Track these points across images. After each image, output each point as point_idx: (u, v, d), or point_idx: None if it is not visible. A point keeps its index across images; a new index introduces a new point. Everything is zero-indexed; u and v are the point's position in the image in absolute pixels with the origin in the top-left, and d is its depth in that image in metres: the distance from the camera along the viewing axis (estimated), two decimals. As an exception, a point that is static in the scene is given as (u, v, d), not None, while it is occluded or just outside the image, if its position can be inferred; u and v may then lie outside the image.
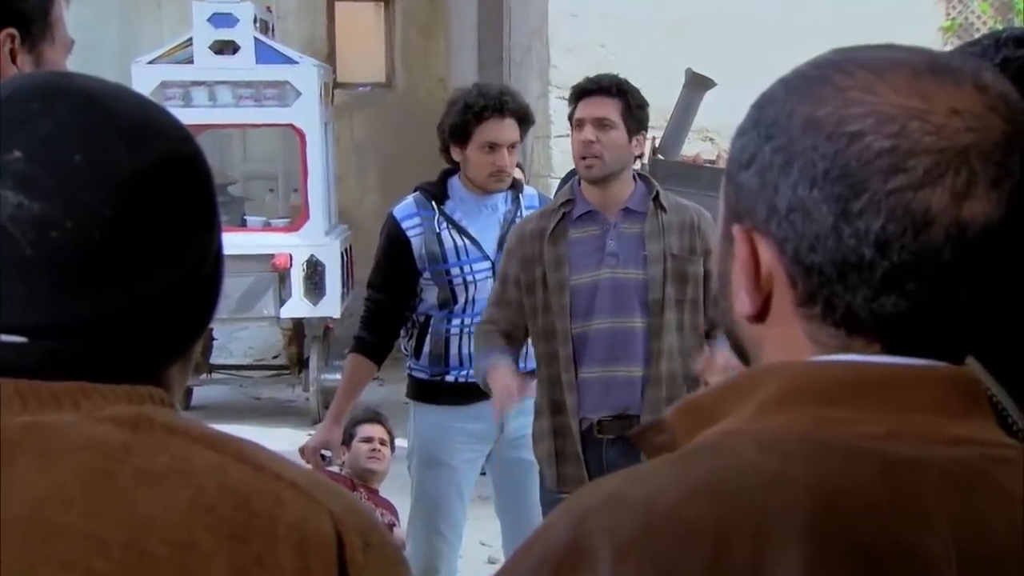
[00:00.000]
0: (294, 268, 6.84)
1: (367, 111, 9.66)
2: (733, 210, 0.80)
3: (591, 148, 2.93)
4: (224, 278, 0.87)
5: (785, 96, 0.78)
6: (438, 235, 3.31)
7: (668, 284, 2.95)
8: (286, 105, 6.89)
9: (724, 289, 0.82)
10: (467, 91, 3.31)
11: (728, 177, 0.81)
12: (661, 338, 2.94)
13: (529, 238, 3.01)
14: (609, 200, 2.99)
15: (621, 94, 2.97)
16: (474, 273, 3.33)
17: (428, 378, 3.39)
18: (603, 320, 2.94)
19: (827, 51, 0.80)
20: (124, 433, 0.79)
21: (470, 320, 3.34)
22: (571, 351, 2.94)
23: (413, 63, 9.81)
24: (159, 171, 0.81)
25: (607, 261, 2.96)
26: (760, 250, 0.78)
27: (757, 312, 0.79)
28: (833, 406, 0.73)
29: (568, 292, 2.95)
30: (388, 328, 3.39)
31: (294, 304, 6.90)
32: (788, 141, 0.76)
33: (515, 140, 3.29)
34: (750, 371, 0.79)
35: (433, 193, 3.36)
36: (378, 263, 3.39)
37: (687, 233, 3.00)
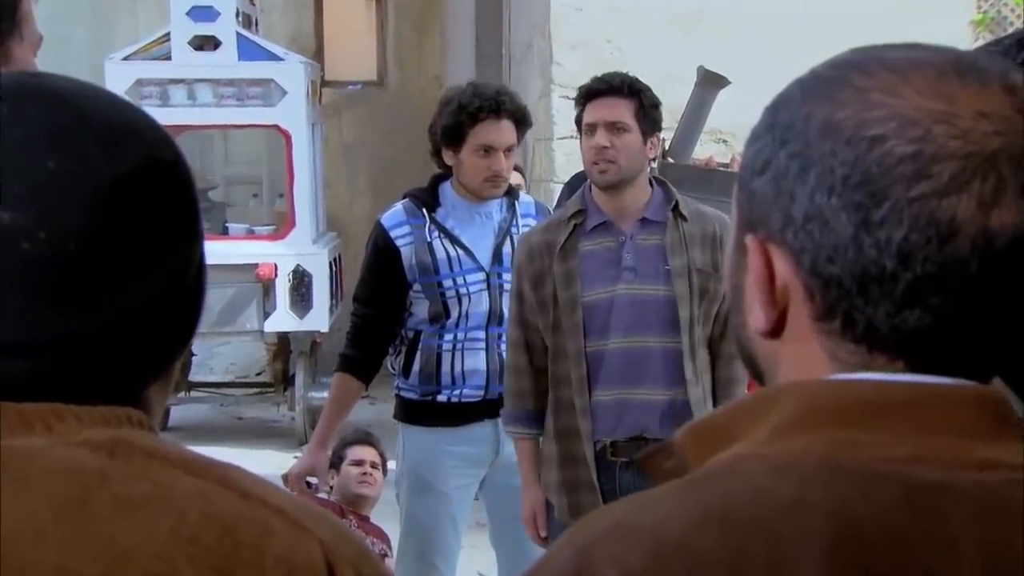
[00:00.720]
0: (279, 279, 6.84)
1: (357, 111, 9.68)
2: (746, 219, 0.80)
3: (605, 154, 2.93)
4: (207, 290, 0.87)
5: (801, 98, 0.78)
6: (429, 244, 3.31)
7: (695, 301, 2.94)
8: (271, 105, 6.90)
9: (737, 303, 0.83)
10: (461, 90, 3.31)
11: (741, 184, 0.81)
12: (695, 358, 2.94)
13: (537, 253, 3.00)
14: (625, 209, 2.99)
15: (634, 94, 2.97)
16: (468, 285, 3.33)
17: (418, 398, 3.39)
18: (619, 339, 2.93)
19: (846, 51, 0.80)
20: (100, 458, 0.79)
21: (463, 335, 3.34)
22: (585, 372, 2.93)
23: (406, 60, 9.83)
24: (137, 177, 0.81)
25: (624, 276, 2.95)
26: (775, 261, 0.78)
27: (772, 327, 0.79)
28: (853, 428, 0.74)
29: (580, 309, 2.94)
30: (376, 344, 3.38)
31: (279, 317, 6.90)
32: (805, 146, 0.76)
33: (512, 143, 3.30)
34: (764, 391, 0.79)
35: (423, 200, 3.36)
36: (364, 275, 3.39)
37: (709, 246, 2.99)
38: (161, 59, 6.86)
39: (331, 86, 9.31)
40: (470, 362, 3.33)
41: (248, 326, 6.94)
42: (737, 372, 2.96)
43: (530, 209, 3.49)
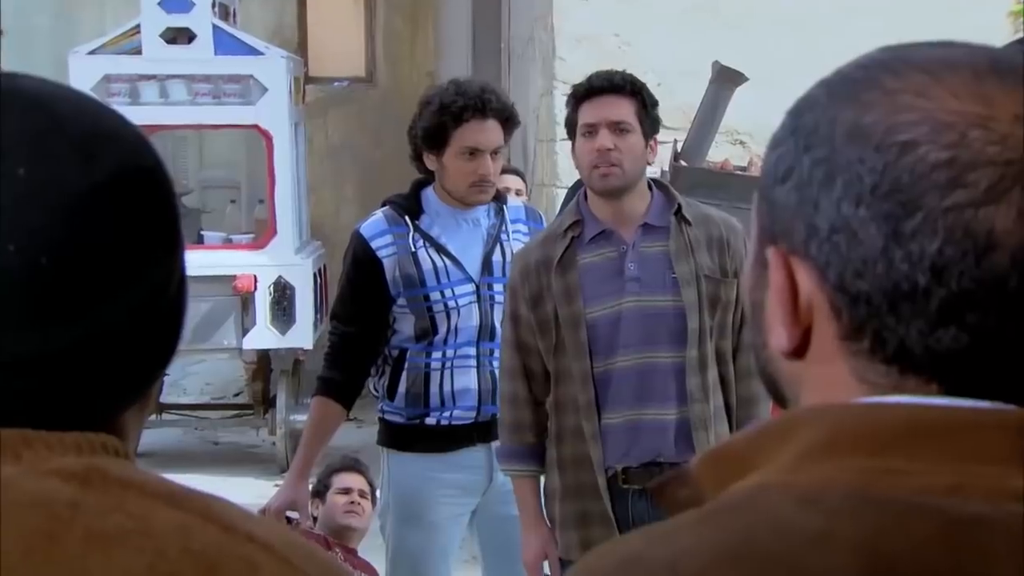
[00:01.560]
0: (259, 291, 6.85)
1: (344, 110, 9.70)
2: (767, 231, 0.81)
3: (608, 157, 2.93)
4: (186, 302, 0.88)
5: (826, 101, 0.79)
6: (414, 255, 3.31)
7: (704, 310, 2.95)
8: (250, 103, 6.91)
9: (757, 321, 0.83)
10: (442, 89, 3.32)
11: (761, 193, 0.82)
12: (706, 372, 2.94)
13: (534, 271, 3.00)
14: (625, 215, 2.99)
15: (636, 93, 2.98)
16: (456, 298, 3.33)
17: (404, 422, 3.38)
18: (628, 356, 2.93)
19: (874, 49, 0.80)
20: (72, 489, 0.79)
21: (452, 352, 3.34)
22: (593, 395, 2.93)
23: (397, 55, 9.85)
24: (115, 185, 0.82)
25: (629, 287, 2.95)
26: (798, 276, 0.78)
27: (795, 347, 0.79)
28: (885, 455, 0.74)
29: (584, 327, 2.94)
30: (357, 365, 3.38)
31: (259, 333, 6.90)
32: (830, 152, 0.77)
33: (499, 144, 3.30)
34: (787, 415, 0.79)
35: (406, 207, 3.36)
36: (343, 290, 3.39)
37: (716, 250, 2.99)
38: (131, 53, 6.87)
39: (315, 83, 9.33)
40: (460, 381, 3.33)
41: (225, 343, 6.94)
42: (757, 390, 2.96)
43: (519, 214, 3.49)
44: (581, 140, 2.97)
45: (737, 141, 5.93)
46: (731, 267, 2.99)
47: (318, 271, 7.28)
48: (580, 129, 2.97)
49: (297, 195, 7.24)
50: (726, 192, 4.48)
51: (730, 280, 2.98)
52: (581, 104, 2.99)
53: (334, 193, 9.59)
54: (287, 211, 7.02)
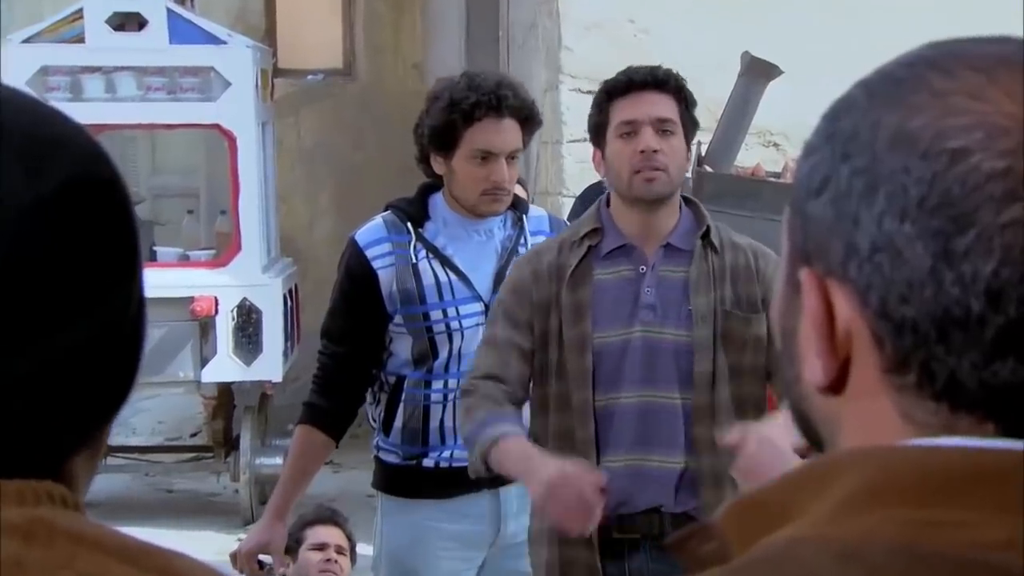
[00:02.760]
0: (220, 316, 6.85)
1: (319, 107, 9.71)
2: (800, 249, 0.82)
3: (655, 159, 2.94)
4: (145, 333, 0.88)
5: (867, 103, 0.80)
6: (414, 267, 3.33)
7: (719, 351, 2.95)
8: (210, 99, 6.93)
9: (789, 352, 0.84)
10: (453, 83, 3.33)
11: (794, 206, 0.83)
12: (712, 421, 2.94)
13: (546, 275, 3.01)
14: (652, 231, 3.00)
15: (679, 90, 3.00)
16: (461, 319, 3.34)
17: (400, 462, 3.39)
18: (632, 392, 2.94)
19: (922, 44, 0.82)
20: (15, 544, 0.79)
21: (455, 382, 3.33)
22: (592, 431, 2.93)
23: (380, 44, 9.87)
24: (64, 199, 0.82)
25: (641, 315, 2.96)
26: (836, 301, 0.79)
27: (832, 381, 0.80)
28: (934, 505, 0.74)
29: (590, 352, 2.95)
30: (350, 390, 3.39)
31: (220, 364, 6.90)
32: (872, 161, 0.78)
33: (516, 147, 3.32)
34: (824, 459, 0.80)
35: (409, 212, 3.38)
36: (336, 304, 3.40)
37: (743, 280, 2.99)
38: (72, 42, 6.89)
39: (286, 76, 9.34)
40: (463, 417, 3.34)
41: (181, 375, 6.94)
42: None
43: (542, 225, 3.50)
44: (619, 142, 2.96)
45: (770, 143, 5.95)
46: (762, 296, 2.97)
47: (289, 292, 7.28)
48: (616, 129, 2.97)
49: (265, 205, 7.25)
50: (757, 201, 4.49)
51: (759, 315, 2.97)
52: (615, 101, 2.99)
53: (307, 203, 9.60)
54: (253, 223, 7.02)
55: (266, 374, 7.00)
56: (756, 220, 4.26)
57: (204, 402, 7.44)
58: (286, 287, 7.22)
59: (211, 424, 7.59)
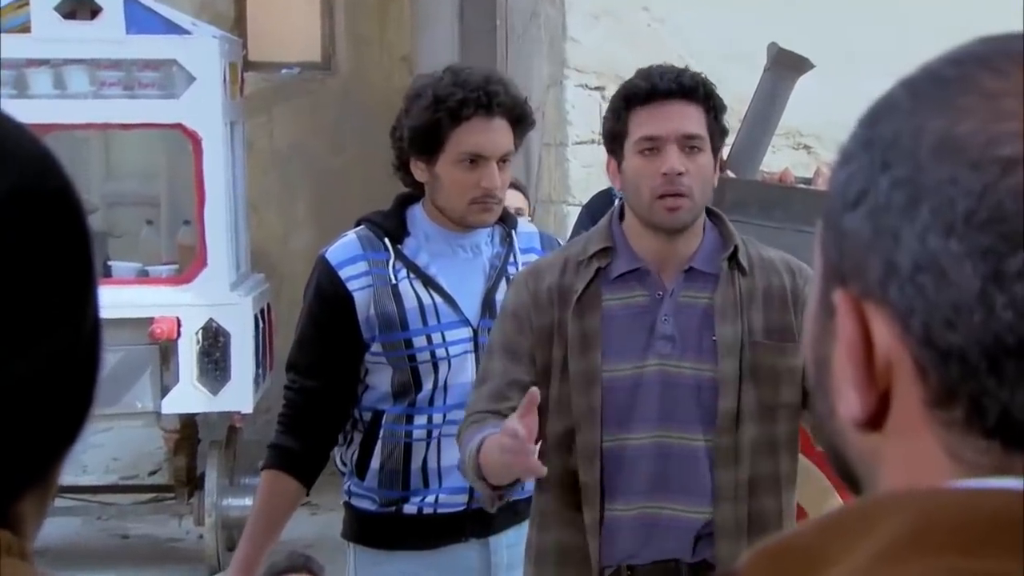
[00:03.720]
0: (183, 339, 6.85)
1: (294, 105, 9.72)
2: (834, 268, 0.82)
3: (679, 183, 2.92)
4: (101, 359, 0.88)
5: (910, 105, 0.80)
6: (394, 288, 3.33)
7: (747, 386, 2.95)
8: (171, 95, 6.94)
9: (822, 383, 0.84)
10: (435, 78, 3.34)
11: (828, 220, 0.83)
12: (738, 465, 2.94)
13: (547, 298, 2.99)
14: (671, 254, 2.99)
15: (708, 99, 2.98)
16: (447, 345, 3.34)
17: (377, 509, 3.39)
18: (646, 433, 2.93)
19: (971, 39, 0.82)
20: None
21: (441, 417, 3.34)
22: (598, 475, 2.93)
23: (363, 34, 9.88)
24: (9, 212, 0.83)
25: (657, 347, 2.95)
26: (874, 326, 0.79)
27: (870, 416, 0.80)
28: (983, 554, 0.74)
29: (599, 388, 2.95)
30: (321, 430, 3.39)
31: (183, 393, 6.90)
32: (915, 170, 0.78)
33: (508, 150, 3.32)
34: (862, 502, 0.80)
35: (386, 227, 3.38)
36: (304, 332, 3.40)
37: (776, 306, 2.99)
38: (17, 31, 6.89)
39: (257, 69, 9.36)
40: (450, 456, 3.32)
41: (139, 405, 6.93)
42: None
43: (533, 242, 3.51)
44: (639, 159, 2.94)
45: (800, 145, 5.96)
46: (798, 326, 2.95)
47: (260, 312, 7.28)
48: (636, 144, 2.94)
49: (233, 215, 7.25)
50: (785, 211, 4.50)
51: (793, 345, 2.96)
52: (635, 110, 2.96)
53: (282, 212, 9.61)
54: (220, 235, 7.03)
55: (235, 404, 6.99)
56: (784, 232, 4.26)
57: (164, 436, 7.43)
58: (257, 307, 7.22)
59: (172, 461, 7.58)
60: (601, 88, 5.68)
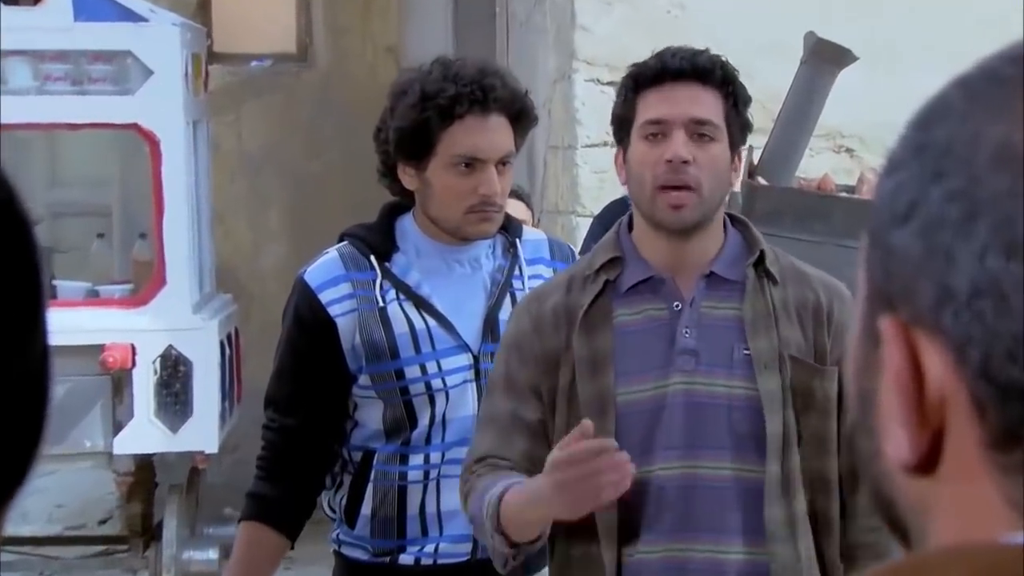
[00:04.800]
0: (139, 369, 6.84)
1: (266, 102, 9.73)
2: (881, 291, 0.82)
3: (683, 173, 2.93)
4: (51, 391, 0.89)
5: (966, 108, 0.80)
6: (382, 312, 3.33)
7: (788, 405, 2.95)
8: (126, 92, 6.94)
9: (867, 421, 0.84)
10: (423, 73, 3.34)
11: (874, 236, 0.83)
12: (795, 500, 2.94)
13: (551, 321, 3.00)
14: (686, 259, 3.00)
15: (727, 83, 2.99)
16: (444, 375, 3.35)
17: (370, 559, 3.40)
18: (670, 463, 2.93)
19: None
20: None
21: (439, 456, 3.35)
22: (616, 513, 2.94)
23: (344, 22, 9.89)
24: None
25: (679, 363, 2.96)
26: (925, 357, 0.80)
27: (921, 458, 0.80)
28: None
29: (613, 414, 2.96)
30: (306, 475, 3.40)
31: (138, 431, 6.89)
32: (970, 181, 0.78)
33: (508, 150, 3.33)
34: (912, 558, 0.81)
35: (372, 243, 3.39)
36: (282, 364, 3.41)
37: (811, 323, 2.99)
38: (-49, 20, 6.91)
39: (224, 62, 9.37)
40: (450, 499, 3.32)
41: (87, 444, 6.92)
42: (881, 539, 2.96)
43: (540, 251, 3.51)
44: (642, 145, 2.96)
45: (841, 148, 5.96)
46: (831, 349, 2.97)
47: (227, 338, 7.28)
48: (641, 128, 2.97)
49: (196, 227, 7.25)
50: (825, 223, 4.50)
51: (829, 369, 2.97)
52: (643, 92, 2.98)
53: (252, 223, 9.61)
54: (181, 250, 7.03)
55: (197, 443, 6.98)
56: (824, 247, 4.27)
57: (117, 480, 7.41)
58: (224, 332, 7.21)
59: (125, 508, 7.57)
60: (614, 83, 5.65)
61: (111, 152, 8.43)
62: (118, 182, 8.54)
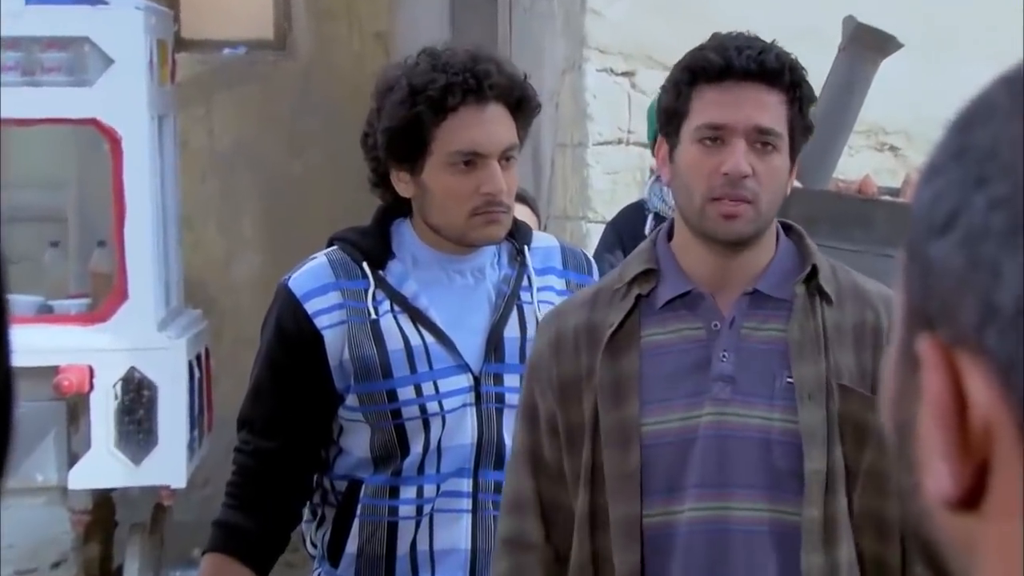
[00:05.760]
0: (98, 393, 6.85)
1: (240, 94, 9.74)
2: (919, 310, 0.83)
3: (741, 188, 2.90)
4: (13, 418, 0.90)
5: (1011, 107, 0.81)
6: (374, 325, 3.34)
7: (835, 443, 2.96)
8: (84, 83, 6.95)
9: (905, 452, 0.85)
10: (409, 65, 3.33)
11: (912, 248, 0.84)
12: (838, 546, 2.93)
13: (572, 343, 3.00)
14: (730, 274, 2.99)
15: (796, 87, 2.96)
16: (441, 398, 3.35)
17: (357, 603, 3.41)
18: (700, 504, 2.93)
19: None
20: None
21: (434, 489, 3.36)
22: (638, 559, 2.94)
23: (328, 6, 9.90)
24: None
25: (714, 391, 2.95)
26: (968, 382, 0.80)
27: (964, 493, 0.81)
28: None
29: (638, 447, 2.95)
30: (280, 505, 3.41)
31: (96, 463, 6.89)
32: (1017, 188, 0.79)
33: (511, 144, 3.34)
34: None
35: (365, 248, 3.39)
36: (260, 379, 3.42)
37: (869, 346, 2.99)
38: None
39: (193, 49, 9.38)
40: (445, 537, 3.36)
41: (40, 478, 6.93)
42: None
43: (551, 259, 3.52)
44: (697, 150, 2.94)
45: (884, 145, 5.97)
46: None
47: (196, 359, 7.28)
48: (697, 131, 2.94)
49: (162, 234, 7.26)
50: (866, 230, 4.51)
51: None
52: (701, 87, 2.95)
53: (224, 230, 9.61)
54: (145, 260, 7.03)
55: (163, 477, 7.00)
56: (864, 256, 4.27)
57: (73, 518, 7.40)
58: (192, 352, 7.22)
59: (82, 550, 7.58)
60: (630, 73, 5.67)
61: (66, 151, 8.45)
62: (74, 184, 8.55)
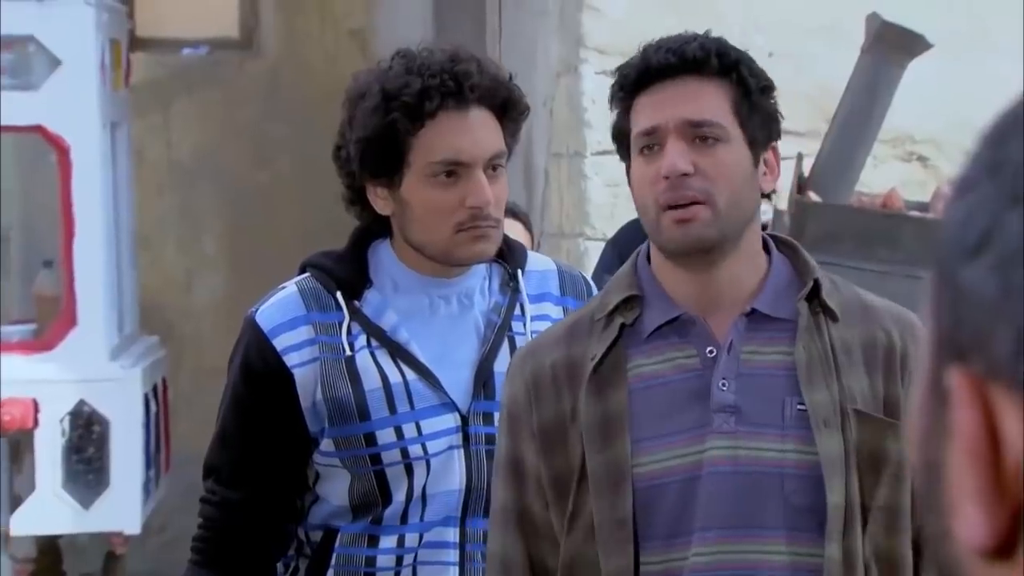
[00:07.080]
0: (43, 429, 6.85)
1: (202, 98, 9.75)
2: (949, 339, 0.84)
3: (685, 188, 2.93)
4: None
5: None
6: (349, 362, 3.35)
7: (852, 471, 2.96)
8: (28, 86, 6.96)
9: (934, 495, 0.85)
10: (381, 70, 3.32)
11: (941, 271, 0.84)
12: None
13: (551, 383, 3.01)
14: (718, 293, 3.00)
15: (729, 70, 3.00)
16: (424, 440, 3.35)
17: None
18: (707, 547, 2.93)
19: None
20: None
21: (416, 539, 3.36)
22: None
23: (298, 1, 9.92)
24: None
25: (716, 423, 2.96)
26: (1003, 419, 0.81)
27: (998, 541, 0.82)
28: None
29: (630, 491, 2.96)
30: (251, 560, 3.42)
31: (41, 506, 6.89)
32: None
33: (498, 151, 3.33)
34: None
35: (339, 277, 3.40)
36: (226, 424, 3.42)
37: (882, 368, 3.00)
38: None
39: (150, 49, 9.39)
40: (428, 590, 3.36)
41: (-21, 523, 6.94)
42: None
43: (547, 284, 3.51)
44: (639, 162, 2.96)
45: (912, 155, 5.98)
46: (907, 400, 2.95)
47: (152, 390, 7.28)
48: (635, 142, 2.97)
49: (115, 253, 7.26)
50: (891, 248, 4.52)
51: (904, 425, 2.96)
52: (637, 97, 3.00)
53: (184, 249, 9.62)
54: (96, 282, 7.03)
55: (115, 522, 6.99)
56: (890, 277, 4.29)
57: (15, 567, 7.40)
58: (149, 383, 7.22)
59: (28, 601, 7.58)
60: (632, 76, 5.68)
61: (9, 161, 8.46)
62: (18, 198, 8.56)
